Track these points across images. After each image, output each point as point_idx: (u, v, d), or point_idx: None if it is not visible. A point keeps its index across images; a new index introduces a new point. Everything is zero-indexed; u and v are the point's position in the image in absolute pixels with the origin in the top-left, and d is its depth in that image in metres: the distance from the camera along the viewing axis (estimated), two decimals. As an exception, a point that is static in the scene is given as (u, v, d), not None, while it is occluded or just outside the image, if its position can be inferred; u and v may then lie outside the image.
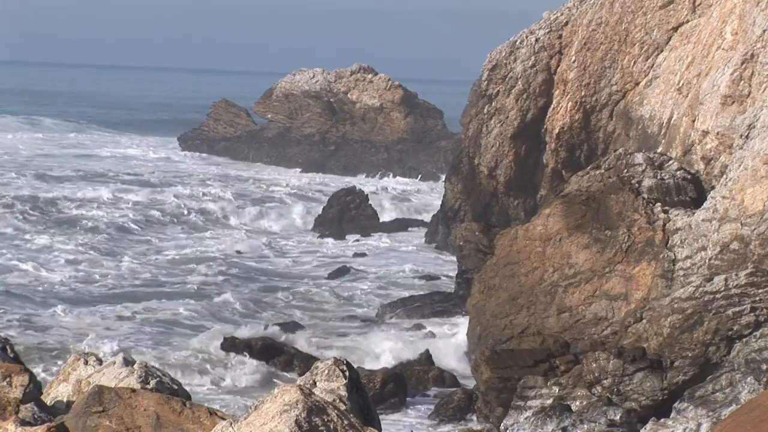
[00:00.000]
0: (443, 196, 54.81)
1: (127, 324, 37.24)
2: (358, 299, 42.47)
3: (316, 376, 12.07)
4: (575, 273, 31.41)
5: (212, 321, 38.25)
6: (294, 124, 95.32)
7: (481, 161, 50.47)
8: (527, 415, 26.59)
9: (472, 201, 51.28)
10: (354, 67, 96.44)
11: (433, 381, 31.60)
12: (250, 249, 53.12)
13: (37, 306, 39.26)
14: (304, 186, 76.80)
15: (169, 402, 11.13)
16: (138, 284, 44.14)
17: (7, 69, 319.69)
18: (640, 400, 26.43)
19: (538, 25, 50.39)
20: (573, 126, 47.27)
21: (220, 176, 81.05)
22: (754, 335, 26.36)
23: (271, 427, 9.71)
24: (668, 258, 29.38)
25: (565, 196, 33.08)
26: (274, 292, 43.51)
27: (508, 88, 49.61)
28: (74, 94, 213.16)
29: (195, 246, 53.26)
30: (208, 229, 59.16)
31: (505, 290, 32.85)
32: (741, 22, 34.25)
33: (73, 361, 13.52)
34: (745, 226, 27.85)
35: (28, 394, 11.99)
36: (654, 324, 27.55)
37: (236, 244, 53.99)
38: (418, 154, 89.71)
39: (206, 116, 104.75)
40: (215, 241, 55.31)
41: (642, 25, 44.63)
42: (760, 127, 29.21)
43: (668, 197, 32.10)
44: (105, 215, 59.38)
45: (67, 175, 77.09)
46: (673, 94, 40.06)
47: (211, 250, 52.05)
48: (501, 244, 34.00)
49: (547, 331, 30.83)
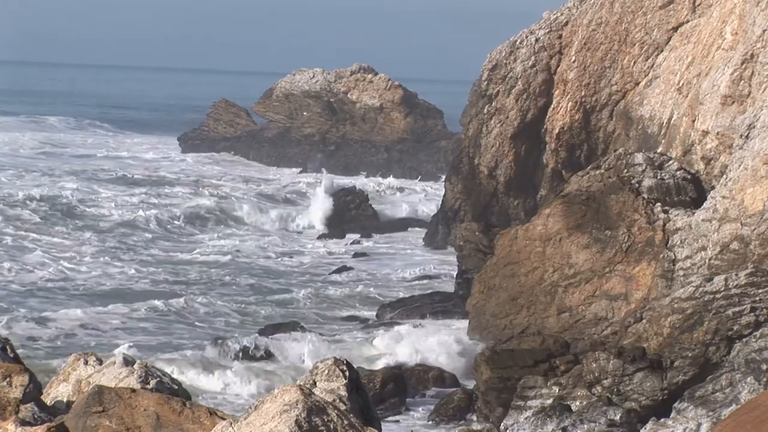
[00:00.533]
0: (443, 196, 54.81)
1: (128, 324, 37.25)
2: (358, 299, 42.46)
3: (316, 376, 12.07)
4: (575, 273, 31.41)
5: (212, 321, 38.26)
6: (294, 124, 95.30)
7: (481, 161, 50.46)
8: (527, 415, 26.59)
9: (472, 201, 51.27)
10: (354, 67, 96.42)
11: (433, 381, 31.58)
12: (251, 249, 53.12)
13: (49, 304, 39.43)
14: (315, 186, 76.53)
15: (169, 402, 11.13)
16: (137, 285, 44.15)
17: (7, 69, 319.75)
18: (640, 400, 26.43)
19: (538, 25, 50.39)
20: (573, 126, 47.27)
21: (225, 176, 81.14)
22: (754, 335, 26.36)
23: (271, 427, 9.71)
24: (668, 258, 29.38)
25: (565, 196, 33.08)
26: (274, 292, 43.51)
27: (508, 88, 49.61)
28: (74, 94, 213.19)
29: (195, 246, 53.27)
30: (211, 229, 59.13)
31: (505, 290, 32.86)
32: (741, 22, 34.25)
33: (73, 361, 13.52)
34: (745, 226, 27.85)
35: (28, 394, 11.99)
36: (654, 324, 27.55)
37: (237, 244, 54.02)
38: (418, 154, 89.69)
39: (206, 116, 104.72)
40: (215, 241, 55.30)
41: (642, 25, 44.63)
42: (760, 127, 29.21)
43: (668, 197, 32.10)
44: (112, 214, 59.47)
45: (74, 171, 77.18)
46: (673, 94, 40.06)
47: (210, 250, 52.04)
48: (501, 244, 34.00)
49: (547, 331, 30.84)
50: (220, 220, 61.69)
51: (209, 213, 62.58)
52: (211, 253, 51.44)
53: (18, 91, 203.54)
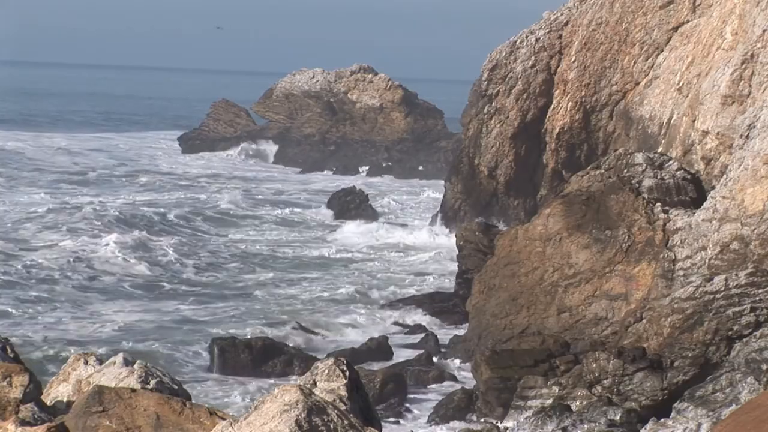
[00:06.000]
0: (443, 196, 54.78)
1: (129, 324, 37.27)
2: (358, 299, 42.43)
3: (316, 376, 12.08)
4: (575, 273, 31.41)
5: (213, 320, 38.24)
6: (294, 124, 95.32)
7: (481, 161, 50.47)
8: (527, 415, 26.58)
9: (472, 201, 51.29)
10: (354, 67, 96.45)
11: (433, 381, 31.57)
12: (252, 248, 53.12)
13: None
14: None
15: (169, 402, 11.13)
16: (136, 285, 44.19)
17: (7, 69, 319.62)
18: (640, 400, 26.43)
19: (538, 25, 50.40)
20: (573, 126, 47.28)
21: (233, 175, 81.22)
22: (754, 335, 26.36)
23: (271, 427, 9.71)
24: (668, 258, 29.37)
25: (565, 196, 33.08)
26: (274, 291, 43.50)
27: (508, 88, 49.61)
28: (74, 94, 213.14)
29: (196, 244, 53.29)
30: (214, 229, 59.18)
31: (505, 290, 32.85)
32: (741, 22, 34.25)
33: (73, 361, 13.52)
34: (745, 226, 27.85)
35: (28, 394, 12.00)
36: (654, 324, 27.55)
37: (239, 240, 54.07)
38: (418, 154, 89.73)
39: (206, 116, 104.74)
40: (215, 240, 55.31)
41: (642, 25, 44.65)
42: (760, 127, 29.20)
43: (668, 197, 32.09)
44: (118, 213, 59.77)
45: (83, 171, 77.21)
46: (673, 94, 40.07)
47: (210, 251, 52.05)
48: (501, 244, 33.99)
49: (547, 331, 30.83)
50: (230, 220, 61.77)
51: (225, 212, 62.71)
52: (210, 253, 51.46)
53: (18, 92, 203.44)
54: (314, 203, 68.44)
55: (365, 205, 62.93)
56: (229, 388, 31.05)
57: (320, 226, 60.73)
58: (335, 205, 63.12)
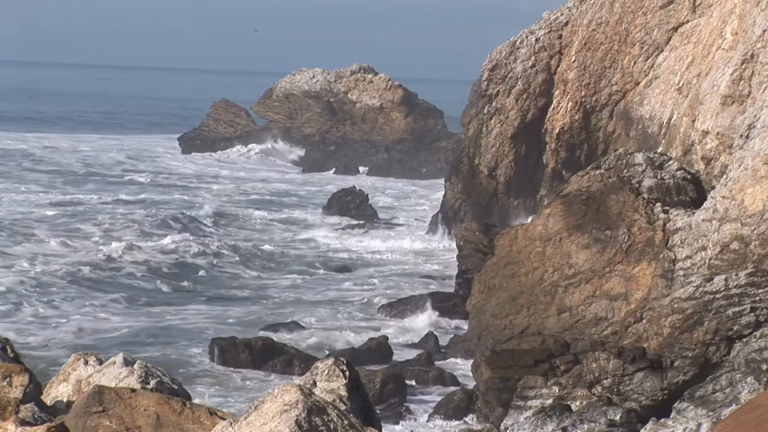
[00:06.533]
0: (443, 196, 54.79)
1: (128, 323, 37.29)
2: (358, 299, 42.45)
3: (316, 376, 12.08)
4: (575, 273, 31.41)
5: (213, 321, 38.26)
6: (294, 124, 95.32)
7: (481, 161, 50.48)
8: (527, 415, 26.57)
9: (472, 201, 51.29)
10: (354, 67, 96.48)
11: (433, 381, 31.57)
12: (252, 248, 53.11)
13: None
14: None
15: (169, 402, 11.13)
16: (136, 285, 44.24)
17: (7, 69, 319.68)
18: (640, 400, 26.42)
19: (538, 25, 50.41)
20: (573, 126, 47.29)
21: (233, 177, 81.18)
22: (754, 335, 26.35)
23: (271, 427, 9.71)
24: (668, 258, 29.38)
25: (565, 196, 33.08)
26: (273, 291, 43.53)
27: (508, 88, 49.63)
28: (74, 94, 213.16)
29: (196, 243, 53.31)
30: (214, 229, 59.20)
31: (505, 290, 32.86)
32: (741, 22, 34.25)
33: (73, 361, 13.52)
34: (745, 226, 27.85)
35: (28, 394, 11.99)
36: (654, 324, 27.55)
37: (239, 240, 54.08)
38: (418, 154, 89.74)
39: (206, 116, 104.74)
40: (215, 240, 55.34)
41: (642, 25, 44.66)
42: (760, 127, 29.20)
43: (668, 197, 32.09)
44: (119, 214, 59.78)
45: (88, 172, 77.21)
46: (673, 94, 40.08)
47: (210, 251, 52.05)
48: (501, 244, 34.00)
49: (547, 331, 30.84)
50: (232, 220, 61.81)
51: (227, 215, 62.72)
52: (210, 253, 51.49)
53: (18, 91, 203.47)
54: (314, 203, 68.49)
55: (365, 205, 62.96)
56: (229, 388, 31.07)
57: (320, 226, 60.75)
58: (335, 206, 63.20)
